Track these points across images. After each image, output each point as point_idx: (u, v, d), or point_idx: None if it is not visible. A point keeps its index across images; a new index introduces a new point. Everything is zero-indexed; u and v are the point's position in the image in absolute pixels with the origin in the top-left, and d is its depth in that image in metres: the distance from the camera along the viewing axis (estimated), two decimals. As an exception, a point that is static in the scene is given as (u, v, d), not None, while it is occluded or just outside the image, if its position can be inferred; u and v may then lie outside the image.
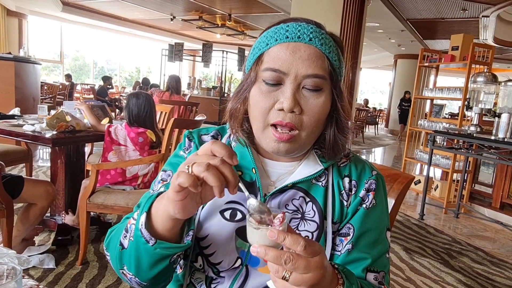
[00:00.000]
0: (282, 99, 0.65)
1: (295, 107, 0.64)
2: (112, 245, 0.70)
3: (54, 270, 2.08)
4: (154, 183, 0.78)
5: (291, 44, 0.65)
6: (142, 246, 0.59)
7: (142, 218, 0.59)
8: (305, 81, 0.65)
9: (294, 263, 0.48)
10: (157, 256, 0.60)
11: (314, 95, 0.66)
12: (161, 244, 0.58)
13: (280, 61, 0.65)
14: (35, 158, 4.56)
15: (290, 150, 0.67)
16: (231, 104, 0.73)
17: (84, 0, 9.71)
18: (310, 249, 0.49)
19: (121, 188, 2.29)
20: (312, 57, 0.64)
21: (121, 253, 0.64)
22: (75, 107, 2.77)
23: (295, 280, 0.49)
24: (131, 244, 0.61)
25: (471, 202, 4.21)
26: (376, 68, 19.12)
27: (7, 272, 0.54)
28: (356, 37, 5.52)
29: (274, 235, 0.49)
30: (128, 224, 0.64)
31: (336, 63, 0.68)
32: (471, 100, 3.79)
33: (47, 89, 9.25)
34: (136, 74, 19.65)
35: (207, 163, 0.51)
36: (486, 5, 6.54)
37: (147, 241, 0.58)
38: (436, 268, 2.66)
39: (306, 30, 0.66)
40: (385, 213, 0.75)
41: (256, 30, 11.41)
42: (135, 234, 0.60)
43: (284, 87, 0.65)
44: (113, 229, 0.73)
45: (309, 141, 0.69)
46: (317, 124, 0.67)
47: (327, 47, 0.66)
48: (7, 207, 1.87)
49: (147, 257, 0.60)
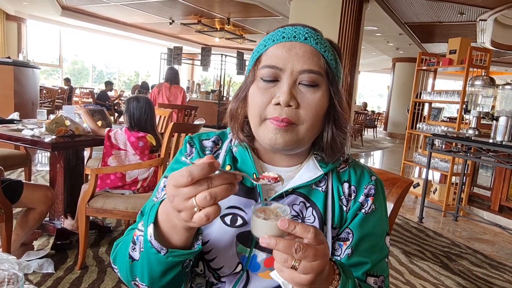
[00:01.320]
0: (278, 94, 0.66)
1: (292, 101, 0.65)
2: (119, 258, 0.70)
3: (53, 275, 2.07)
4: (157, 190, 0.78)
5: (287, 43, 0.68)
6: (153, 256, 0.58)
7: (150, 229, 0.58)
8: (301, 76, 0.66)
9: (304, 251, 0.49)
10: (169, 264, 0.60)
11: (310, 90, 0.67)
12: (173, 253, 0.58)
13: (277, 58, 0.67)
14: (34, 162, 4.56)
15: (288, 141, 0.66)
16: (231, 105, 0.75)
17: (83, 4, 9.73)
18: (318, 237, 0.51)
19: (120, 192, 2.29)
20: (307, 54, 0.67)
21: (131, 266, 0.64)
22: (74, 111, 2.77)
23: (304, 268, 0.50)
24: (142, 255, 0.61)
25: (470, 205, 4.22)
26: (375, 72, 19.16)
27: (8, 277, 0.54)
28: (354, 40, 5.54)
29: (285, 224, 0.50)
30: (134, 236, 0.63)
31: (332, 62, 0.69)
32: (469, 103, 3.80)
33: (46, 93, 9.24)
34: (135, 78, 19.66)
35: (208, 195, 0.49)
36: (483, 8, 6.58)
37: (158, 251, 0.58)
38: (435, 271, 2.66)
39: (301, 31, 0.69)
40: (384, 218, 0.76)
41: (255, 34, 11.43)
42: (145, 246, 0.59)
43: (281, 83, 0.67)
44: (118, 242, 0.73)
45: (308, 136, 0.69)
46: (315, 119, 0.68)
47: (322, 46, 0.68)
48: (6, 211, 1.87)
49: (159, 266, 0.60)
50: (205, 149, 0.79)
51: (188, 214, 0.51)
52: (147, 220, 0.59)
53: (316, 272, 0.50)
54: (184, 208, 0.50)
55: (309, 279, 0.50)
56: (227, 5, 8.43)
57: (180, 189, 0.50)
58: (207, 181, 0.49)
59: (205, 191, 0.49)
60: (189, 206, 0.50)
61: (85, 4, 9.57)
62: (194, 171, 0.48)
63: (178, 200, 0.50)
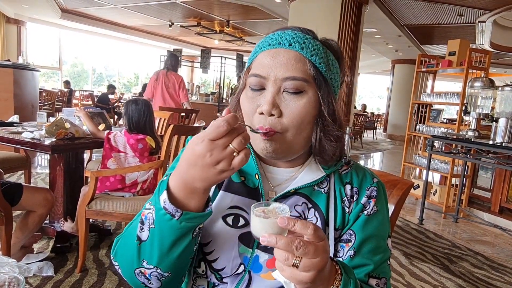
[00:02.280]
0: (262, 103, 0.67)
1: (274, 110, 0.66)
2: (121, 251, 0.70)
3: (53, 278, 2.07)
4: None
5: (272, 50, 0.69)
6: (167, 223, 0.59)
7: (164, 195, 0.59)
8: (284, 84, 0.67)
9: (305, 248, 0.50)
10: (182, 231, 0.60)
11: (294, 98, 0.67)
12: (187, 215, 0.59)
13: (262, 66, 0.68)
14: (33, 165, 4.55)
15: (277, 150, 0.68)
16: (230, 107, 0.76)
17: (83, 7, 9.74)
18: (317, 233, 0.51)
19: (120, 194, 2.29)
20: (291, 61, 0.67)
21: (139, 248, 0.64)
22: (74, 114, 2.77)
23: (305, 265, 0.50)
24: (152, 231, 0.62)
25: (470, 207, 4.21)
26: (374, 73, 19.19)
27: (9, 281, 0.54)
28: (354, 42, 5.55)
29: (284, 222, 0.51)
30: (142, 216, 0.64)
31: (322, 66, 0.68)
32: (468, 105, 3.80)
33: (46, 95, 9.24)
34: (135, 81, 19.68)
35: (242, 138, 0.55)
36: (482, 10, 6.59)
37: (172, 215, 0.58)
38: (436, 273, 2.66)
39: (287, 36, 0.69)
40: (386, 220, 0.76)
41: (254, 36, 11.46)
42: (157, 215, 0.60)
43: (266, 92, 0.68)
44: (118, 238, 0.73)
45: (297, 142, 0.69)
46: (301, 126, 0.68)
47: (309, 50, 0.68)
48: (6, 214, 1.87)
49: (171, 236, 0.60)
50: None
51: (227, 162, 0.55)
52: (158, 191, 0.61)
53: (317, 269, 0.51)
54: (224, 156, 0.54)
55: (311, 276, 0.51)
56: (226, 7, 8.45)
57: (217, 141, 0.54)
58: (236, 129, 0.55)
59: (238, 136, 0.54)
60: (228, 153, 0.54)
61: (85, 6, 9.58)
62: (230, 120, 0.54)
63: (217, 151, 0.54)
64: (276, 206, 0.57)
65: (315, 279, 0.51)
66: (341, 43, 5.41)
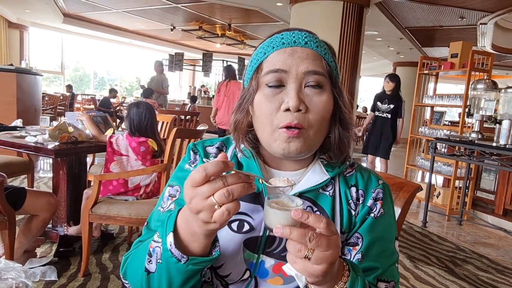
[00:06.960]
0: (287, 99, 0.65)
1: (301, 105, 0.65)
2: (131, 273, 0.69)
3: (56, 282, 2.06)
4: (162, 199, 0.76)
5: (288, 48, 0.68)
6: (173, 265, 0.58)
7: (170, 237, 0.57)
8: (306, 78, 0.66)
9: (318, 240, 0.50)
10: (189, 273, 0.59)
11: (316, 93, 0.67)
12: (193, 260, 0.57)
13: (280, 62, 0.67)
14: (36, 169, 4.56)
15: (300, 149, 0.66)
16: (234, 116, 0.73)
17: (85, 12, 9.79)
18: (330, 227, 0.51)
19: (123, 198, 2.29)
20: (310, 56, 0.67)
21: (148, 279, 0.63)
22: (77, 118, 2.77)
23: (317, 257, 0.50)
24: (160, 266, 0.60)
25: (473, 209, 4.19)
26: (376, 76, 19.18)
27: (16, 285, 0.53)
28: (355, 45, 5.56)
29: (298, 214, 0.51)
30: (150, 248, 0.62)
31: (333, 64, 0.70)
32: (471, 107, 3.79)
33: (48, 100, 9.28)
34: (137, 84, 19.73)
35: (226, 191, 0.50)
36: (483, 12, 6.59)
37: (178, 260, 0.57)
38: (441, 276, 2.64)
39: (300, 36, 0.69)
40: (393, 222, 0.75)
41: (255, 39, 11.48)
42: (164, 256, 0.58)
43: (287, 88, 0.67)
44: (127, 256, 0.72)
45: (317, 139, 0.69)
46: (322, 122, 0.68)
47: (322, 49, 0.69)
48: (9, 219, 1.86)
49: (179, 276, 0.59)
50: (209, 155, 0.78)
51: (207, 213, 0.51)
52: (165, 229, 0.59)
53: (329, 262, 0.51)
54: (203, 207, 0.51)
55: (322, 269, 0.51)
56: (228, 11, 8.47)
57: (197, 188, 0.51)
58: (222, 179, 0.51)
59: (222, 188, 0.50)
60: (208, 204, 0.50)
61: (87, 11, 9.63)
62: (208, 167, 0.50)
63: (197, 200, 0.51)
64: (290, 199, 0.58)
65: (326, 272, 0.51)
66: (342, 45, 5.42)
